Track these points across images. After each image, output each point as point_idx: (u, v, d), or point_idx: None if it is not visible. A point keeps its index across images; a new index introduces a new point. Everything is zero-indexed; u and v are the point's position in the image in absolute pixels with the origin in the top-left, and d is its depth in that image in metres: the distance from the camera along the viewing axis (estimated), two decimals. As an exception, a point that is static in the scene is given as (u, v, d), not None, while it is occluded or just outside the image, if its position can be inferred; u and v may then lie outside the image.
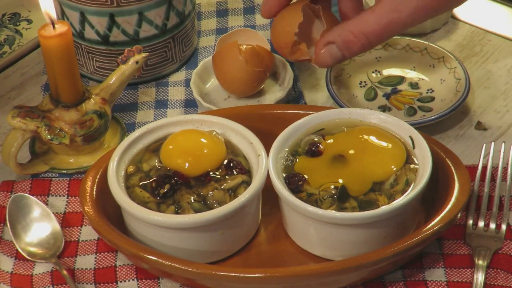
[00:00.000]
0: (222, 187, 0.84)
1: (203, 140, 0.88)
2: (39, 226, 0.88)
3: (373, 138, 0.87)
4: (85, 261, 0.86)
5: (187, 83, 1.07)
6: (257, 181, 0.84)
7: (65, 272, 0.84)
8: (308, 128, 0.89)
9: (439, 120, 0.99)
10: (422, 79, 1.05)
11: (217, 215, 0.81)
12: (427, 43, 1.06)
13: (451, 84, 1.02)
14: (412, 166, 0.85)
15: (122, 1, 1.00)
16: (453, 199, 0.82)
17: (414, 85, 1.04)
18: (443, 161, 0.86)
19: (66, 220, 0.91)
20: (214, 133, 0.89)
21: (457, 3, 0.85)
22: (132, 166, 0.87)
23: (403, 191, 0.82)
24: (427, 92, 1.03)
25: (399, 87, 1.05)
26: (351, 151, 0.86)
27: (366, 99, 1.03)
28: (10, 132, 0.93)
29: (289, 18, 0.93)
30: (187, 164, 0.85)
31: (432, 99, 1.02)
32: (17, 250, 0.87)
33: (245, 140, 0.89)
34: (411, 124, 0.93)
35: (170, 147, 0.87)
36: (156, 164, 0.87)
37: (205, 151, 0.87)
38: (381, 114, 0.89)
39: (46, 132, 0.92)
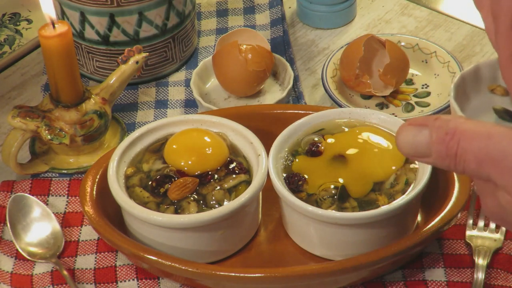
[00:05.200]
0: (222, 187, 0.84)
1: (207, 139, 0.88)
2: (39, 226, 0.88)
3: (373, 138, 0.87)
4: (85, 261, 0.86)
5: (187, 83, 1.07)
6: (257, 181, 0.84)
7: (65, 272, 0.84)
8: (308, 128, 0.89)
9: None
10: (416, 75, 1.06)
11: (217, 215, 0.81)
12: (418, 39, 1.07)
13: (445, 78, 1.03)
14: (412, 166, 0.85)
15: (122, 1, 1.00)
16: (453, 199, 0.82)
17: (408, 81, 1.05)
18: (443, 161, 0.86)
19: (66, 220, 0.91)
20: (221, 133, 0.90)
21: None
22: (132, 166, 0.87)
23: (403, 191, 0.82)
24: (422, 87, 1.04)
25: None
26: (351, 151, 0.86)
27: (363, 97, 1.03)
28: (10, 132, 0.93)
29: (353, 52, 1.00)
30: (189, 163, 0.85)
31: (428, 94, 1.03)
32: (17, 250, 0.87)
33: (245, 140, 0.89)
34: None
35: (174, 146, 0.88)
36: (156, 164, 0.87)
37: (209, 151, 0.87)
38: (381, 114, 0.89)
39: (46, 132, 0.92)
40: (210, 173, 0.85)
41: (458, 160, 0.55)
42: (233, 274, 0.79)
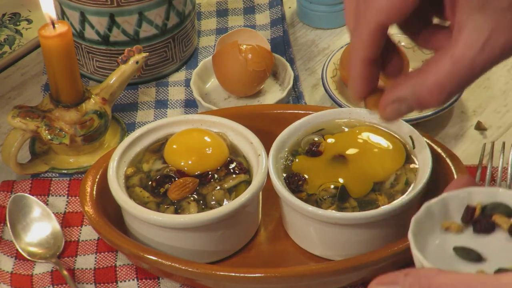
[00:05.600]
0: (222, 187, 0.84)
1: (207, 139, 0.88)
2: (39, 226, 0.88)
3: (373, 138, 0.87)
4: (85, 261, 0.86)
5: (187, 83, 1.07)
6: (257, 181, 0.84)
7: (65, 272, 0.83)
8: (308, 128, 0.89)
9: (439, 120, 0.99)
10: None
11: (217, 215, 0.81)
12: None
13: None
14: (412, 166, 0.85)
15: (122, 1, 1.00)
16: (453, 199, 0.82)
17: None
18: (443, 161, 0.86)
19: (66, 220, 0.91)
20: (221, 133, 0.90)
21: None
22: (132, 166, 0.87)
23: (403, 191, 0.82)
24: None
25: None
26: (351, 151, 0.86)
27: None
28: (10, 132, 0.93)
29: None
30: (190, 163, 0.85)
31: None
32: (17, 250, 0.87)
33: (245, 140, 0.89)
34: (411, 121, 0.93)
35: (174, 146, 0.88)
36: (156, 164, 0.87)
37: (209, 151, 0.87)
38: (381, 114, 0.89)
39: (46, 132, 0.92)
40: (210, 173, 0.85)
41: None
42: (233, 274, 0.79)
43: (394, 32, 1.16)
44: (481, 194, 0.62)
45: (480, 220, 0.61)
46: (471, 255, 0.59)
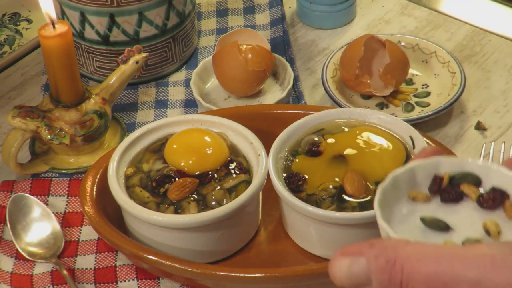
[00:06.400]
0: (222, 187, 0.84)
1: (207, 139, 0.88)
2: (39, 226, 0.88)
3: (373, 138, 0.87)
4: (85, 261, 0.86)
5: (187, 83, 1.07)
6: (257, 181, 0.84)
7: (65, 272, 0.84)
8: (308, 128, 0.89)
9: (439, 120, 0.99)
10: (416, 75, 1.06)
11: (217, 215, 0.81)
12: (418, 39, 1.07)
13: (445, 78, 1.03)
14: (412, 166, 0.85)
15: (122, 1, 1.00)
16: (453, 199, 0.82)
17: (408, 81, 1.05)
18: (443, 161, 0.86)
19: (66, 220, 0.91)
20: (221, 134, 0.90)
21: None
22: (132, 166, 0.87)
23: (403, 191, 0.82)
24: (422, 87, 1.04)
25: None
26: (351, 151, 0.86)
27: (363, 97, 1.03)
28: (10, 132, 0.93)
29: (353, 52, 1.00)
30: (190, 163, 0.85)
31: (428, 94, 1.03)
32: (17, 250, 0.87)
33: (245, 140, 0.89)
34: (411, 120, 0.93)
35: (174, 146, 0.88)
36: (156, 164, 0.87)
37: (209, 151, 0.87)
38: (381, 114, 0.89)
39: (46, 132, 0.92)
40: (210, 173, 0.85)
41: None
42: (233, 274, 0.79)
43: (394, 32, 1.16)
44: (449, 163, 0.60)
45: (448, 189, 0.59)
46: (439, 225, 0.57)
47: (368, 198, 0.82)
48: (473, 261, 0.49)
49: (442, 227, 0.58)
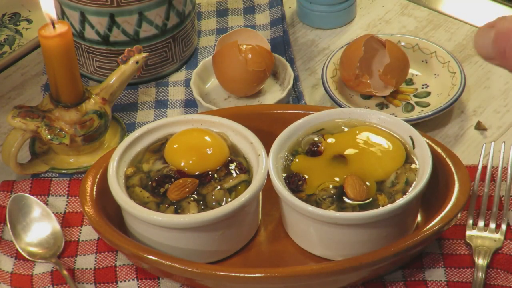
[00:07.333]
0: (222, 187, 0.84)
1: (207, 139, 0.88)
2: (39, 226, 0.88)
3: (373, 138, 0.87)
4: (85, 261, 0.86)
5: (187, 83, 1.07)
6: (257, 181, 0.84)
7: (65, 272, 0.84)
8: (308, 128, 0.89)
9: (439, 120, 0.99)
10: (416, 75, 1.06)
11: (217, 215, 0.81)
12: (418, 39, 1.07)
13: (445, 78, 1.03)
14: (412, 166, 0.85)
15: (122, 1, 1.00)
16: (453, 199, 0.82)
17: (408, 81, 1.05)
18: (443, 161, 0.86)
19: (66, 220, 0.91)
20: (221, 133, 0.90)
21: None
22: (132, 166, 0.87)
23: (403, 191, 0.82)
24: (422, 87, 1.04)
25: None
26: (351, 151, 0.86)
27: (363, 97, 1.03)
28: (10, 132, 0.93)
29: (353, 52, 1.00)
30: (190, 163, 0.85)
31: (428, 94, 1.03)
32: (17, 250, 0.87)
33: (245, 140, 0.89)
34: (411, 120, 0.93)
35: (174, 146, 0.88)
36: (156, 164, 0.87)
37: (209, 151, 0.87)
38: (381, 114, 0.89)
39: (46, 132, 0.92)
40: (210, 173, 0.85)
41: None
42: (233, 274, 0.79)
43: (394, 32, 1.16)
44: None
45: None
46: None
47: (369, 200, 0.82)
48: None
49: None
